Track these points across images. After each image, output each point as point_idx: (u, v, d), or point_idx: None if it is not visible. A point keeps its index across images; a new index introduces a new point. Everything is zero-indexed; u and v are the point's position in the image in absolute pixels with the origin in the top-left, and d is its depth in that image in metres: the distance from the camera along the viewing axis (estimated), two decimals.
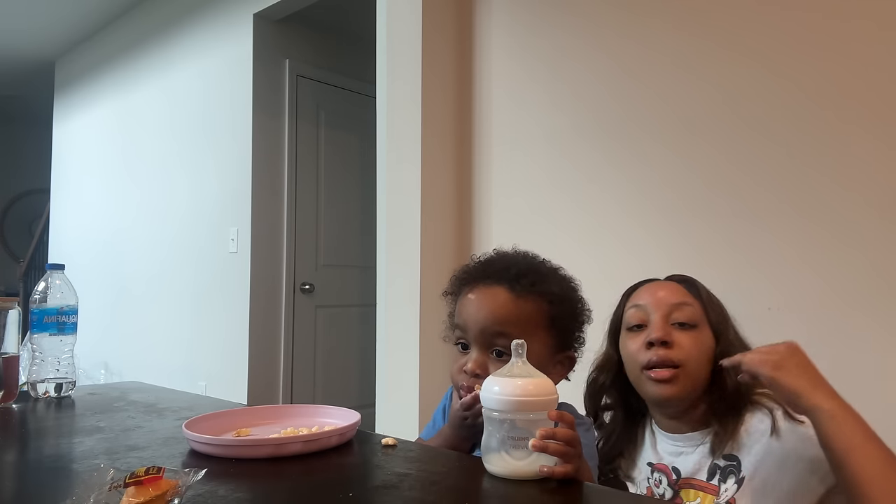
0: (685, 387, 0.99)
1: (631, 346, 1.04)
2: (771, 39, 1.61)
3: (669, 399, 1.00)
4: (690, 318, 1.01)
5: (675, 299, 1.03)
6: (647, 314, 1.03)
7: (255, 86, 3.34)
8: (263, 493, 0.69)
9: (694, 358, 0.99)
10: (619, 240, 1.86)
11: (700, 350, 1.00)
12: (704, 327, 1.02)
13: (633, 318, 1.05)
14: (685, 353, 0.99)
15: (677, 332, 1.00)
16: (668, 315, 1.01)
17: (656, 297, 1.04)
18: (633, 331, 1.05)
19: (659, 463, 1.04)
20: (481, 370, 0.89)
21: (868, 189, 1.46)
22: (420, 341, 2.07)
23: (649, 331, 1.01)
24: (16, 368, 1.17)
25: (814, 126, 1.54)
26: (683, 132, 1.75)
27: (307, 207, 3.58)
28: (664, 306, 1.02)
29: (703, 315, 1.02)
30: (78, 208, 4.82)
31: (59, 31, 4.57)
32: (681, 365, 0.98)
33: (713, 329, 1.02)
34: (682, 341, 1.00)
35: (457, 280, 0.99)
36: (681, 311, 1.01)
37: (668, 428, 1.05)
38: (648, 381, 1.00)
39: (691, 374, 0.99)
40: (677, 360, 0.98)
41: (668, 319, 1.01)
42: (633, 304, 1.06)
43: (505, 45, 2.16)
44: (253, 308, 3.29)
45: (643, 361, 1.00)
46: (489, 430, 0.73)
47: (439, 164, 2.19)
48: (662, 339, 0.99)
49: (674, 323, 1.01)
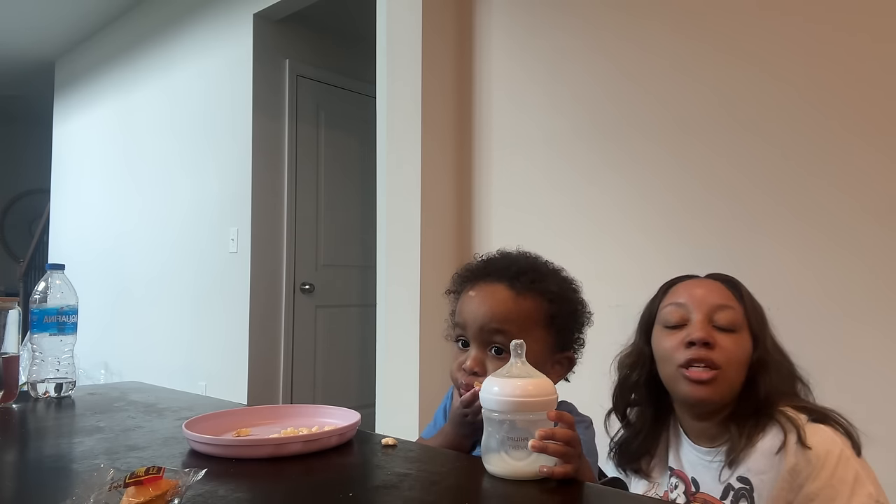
0: (721, 390, 0.96)
1: (667, 344, 1.00)
2: (768, 43, 1.62)
3: (704, 401, 0.98)
4: (732, 322, 0.98)
5: (717, 300, 0.99)
6: (687, 313, 1.00)
7: (255, 86, 3.34)
8: (263, 493, 0.69)
9: (734, 362, 0.96)
10: (617, 242, 1.86)
11: (740, 354, 0.97)
12: (744, 331, 0.99)
13: (671, 316, 1.01)
14: (726, 356, 0.96)
15: (718, 334, 0.97)
16: (710, 316, 0.98)
17: (696, 296, 1.01)
18: (671, 329, 1.01)
19: (679, 470, 1.03)
20: (480, 368, 0.89)
21: (865, 192, 1.47)
22: (420, 341, 2.07)
23: (690, 330, 0.98)
24: (16, 368, 1.17)
25: (811, 129, 1.55)
26: (682, 135, 1.75)
27: (307, 207, 3.58)
28: (706, 306, 0.99)
29: (744, 319, 0.99)
30: (78, 208, 4.82)
31: (59, 31, 4.57)
32: (721, 367, 0.96)
33: (752, 334, 0.99)
34: (725, 343, 0.97)
35: (459, 278, 0.99)
36: (723, 313, 0.98)
37: (693, 432, 1.02)
38: (684, 381, 0.97)
39: (729, 378, 0.96)
40: (718, 361, 0.96)
41: (710, 321, 0.98)
42: (672, 302, 1.03)
43: (504, 47, 2.16)
44: (253, 308, 3.29)
45: (681, 360, 0.97)
46: (489, 430, 0.73)
47: (439, 165, 2.19)
48: (705, 340, 0.96)
49: (715, 325, 0.98)
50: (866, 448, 0.92)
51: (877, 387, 1.42)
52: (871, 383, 1.43)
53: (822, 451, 0.89)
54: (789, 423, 0.92)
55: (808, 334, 1.50)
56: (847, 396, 0.89)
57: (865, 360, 1.44)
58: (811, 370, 1.02)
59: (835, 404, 0.96)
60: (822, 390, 1.02)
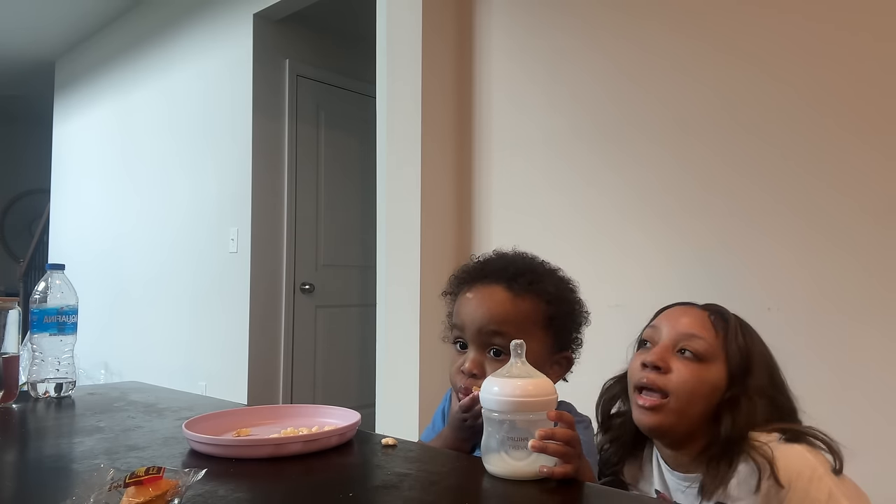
0: (668, 420, 0.93)
1: (632, 364, 1.00)
2: (768, 43, 1.62)
3: (651, 429, 0.96)
4: (698, 352, 0.94)
5: (690, 328, 0.96)
6: (658, 336, 0.99)
7: (255, 86, 3.34)
8: (263, 493, 0.69)
9: (686, 391, 0.93)
10: (616, 242, 1.86)
11: (698, 385, 0.93)
12: (717, 365, 0.95)
13: (645, 336, 1.02)
14: (677, 383, 0.93)
15: (679, 360, 0.95)
16: (676, 342, 0.96)
17: (672, 321, 0.99)
18: (641, 348, 1.01)
19: (664, 493, 1.01)
20: (478, 370, 0.89)
21: (864, 192, 1.47)
22: (420, 341, 2.07)
23: (650, 352, 0.97)
24: (16, 368, 1.17)
25: (810, 130, 1.55)
26: (681, 135, 1.75)
27: (307, 207, 3.58)
28: (675, 332, 0.97)
29: (718, 352, 0.95)
30: (78, 208, 4.82)
31: (59, 31, 4.57)
32: (669, 394, 0.93)
33: (728, 371, 0.94)
34: (679, 370, 0.94)
35: (455, 280, 0.99)
36: (692, 341, 0.95)
37: (668, 459, 1.00)
38: (635, 405, 0.97)
39: (679, 408, 0.93)
40: (665, 387, 0.93)
41: (675, 346, 0.96)
42: (652, 324, 1.02)
43: (504, 47, 2.16)
44: (253, 308, 3.29)
45: (635, 381, 0.97)
46: (489, 430, 0.73)
47: (439, 165, 2.19)
48: (655, 364, 0.94)
49: (680, 350, 0.95)
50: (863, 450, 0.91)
51: (874, 387, 1.42)
52: (869, 384, 1.43)
53: (793, 474, 0.86)
54: (761, 459, 0.87)
55: (809, 332, 1.50)
56: (848, 393, 0.89)
57: (863, 361, 1.44)
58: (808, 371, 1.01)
59: (832, 405, 0.95)
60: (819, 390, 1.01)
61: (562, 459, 0.70)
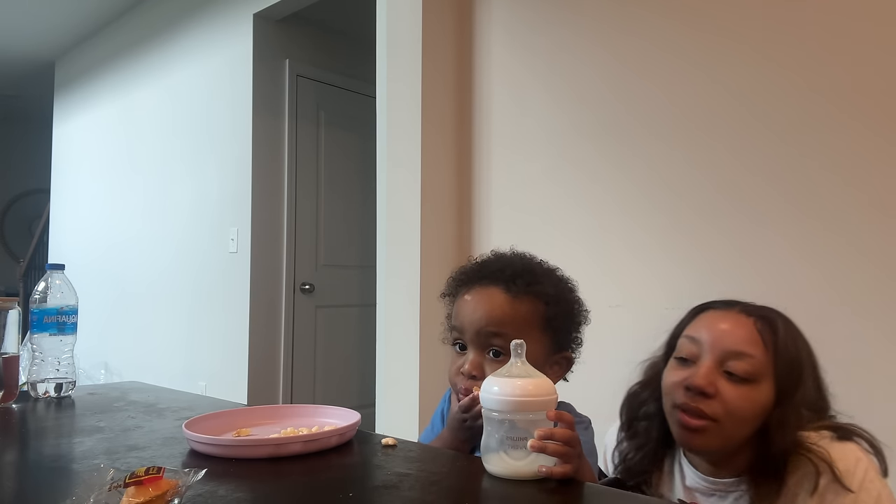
0: (714, 442, 0.88)
1: (670, 379, 0.93)
2: (775, 35, 1.60)
3: (694, 449, 0.91)
4: (747, 372, 0.87)
5: (736, 345, 0.88)
6: (699, 351, 0.90)
7: (255, 86, 3.34)
8: (263, 493, 0.69)
9: (736, 416, 0.86)
10: (619, 240, 1.86)
11: (748, 408, 0.87)
12: (765, 383, 0.88)
13: (683, 349, 0.92)
14: (726, 408, 0.86)
15: (726, 382, 0.87)
16: (722, 362, 0.88)
17: (715, 334, 0.90)
18: (680, 363, 0.92)
19: (692, 501, 0.95)
20: (478, 371, 0.89)
21: (871, 190, 1.46)
22: (420, 341, 2.07)
23: (693, 372, 0.89)
24: (16, 368, 1.17)
25: (819, 126, 1.53)
26: (685, 131, 1.75)
27: (307, 207, 3.58)
28: (719, 349, 0.88)
29: (767, 369, 0.88)
30: (78, 208, 4.82)
31: (59, 31, 4.57)
32: (716, 420, 0.86)
33: (777, 386, 0.88)
34: (728, 394, 0.87)
35: (453, 281, 0.99)
36: (739, 361, 0.87)
37: (701, 467, 0.94)
38: (676, 424, 0.90)
39: (727, 431, 0.87)
40: (713, 414, 0.86)
41: (720, 366, 0.88)
42: (690, 335, 0.93)
43: (505, 43, 2.16)
44: (253, 308, 3.29)
45: (677, 400, 0.90)
46: (488, 430, 0.73)
47: (439, 164, 2.19)
48: (702, 390, 0.87)
49: (726, 371, 0.87)
50: None
51: (884, 383, 1.42)
52: (878, 379, 1.42)
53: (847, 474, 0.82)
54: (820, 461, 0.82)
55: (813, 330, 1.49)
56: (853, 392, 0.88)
57: (872, 359, 1.43)
58: None
59: (837, 405, 0.94)
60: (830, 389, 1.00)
61: (561, 459, 0.70)
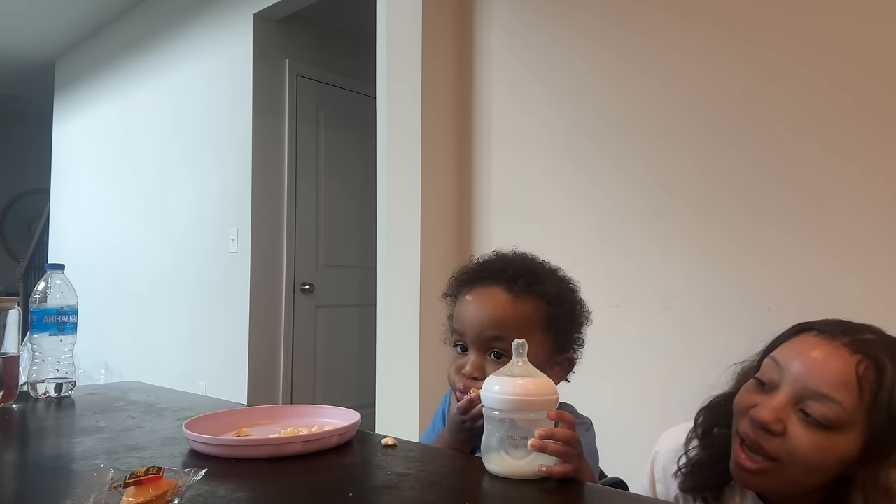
0: (771, 485, 0.79)
1: (742, 401, 0.82)
2: (777, 35, 1.60)
3: (750, 487, 0.82)
4: (826, 419, 0.73)
5: (822, 386, 0.74)
6: (779, 379, 0.78)
7: (255, 86, 3.35)
8: (263, 493, 0.69)
9: (802, 462, 0.74)
10: (620, 241, 1.85)
11: (818, 457, 0.74)
12: (850, 432, 0.73)
13: (765, 372, 0.81)
14: (790, 451, 0.75)
15: (798, 422, 0.75)
16: (799, 398, 0.75)
17: (803, 365, 0.77)
18: (758, 385, 0.81)
19: None
20: (479, 373, 0.88)
21: (868, 190, 1.46)
22: (420, 341, 2.07)
23: (765, 402, 0.78)
24: (16, 368, 1.17)
25: (820, 127, 1.53)
26: (687, 131, 1.74)
27: (307, 207, 3.58)
28: (801, 386, 0.75)
29: (857, 418, 0.73)
30: (78, 208, 4.82)
31: (59, 31, 4.57)
32: (777, 460, 0.76)
33: (867, 440, 0.73)
34: (797, 437, 0.74)
35: (455, 282, 0.99)
36: (821, 404, 0.73)
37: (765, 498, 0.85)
38: (735, 455, 0.80)
39: (788, 476, 0.76)
40: (774, 453, 0.75)
41: (796, 403, 0.76)
42: (776, 357, 0.81)
43: (505, 42, 2.16)
44: (253, 308, 3.29)
45: (739, 428, 0.80)
46: (489, 429, 0.73)
47: (439, 164, 2.19)
48: (767, 427, 0.76)
49: (802, 410, 0.75)
50: None
51: None
52: None
53: None
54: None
55: None
56: None
57: None
58: None
59: None
60: None
61: (561, 459, 0.70)
